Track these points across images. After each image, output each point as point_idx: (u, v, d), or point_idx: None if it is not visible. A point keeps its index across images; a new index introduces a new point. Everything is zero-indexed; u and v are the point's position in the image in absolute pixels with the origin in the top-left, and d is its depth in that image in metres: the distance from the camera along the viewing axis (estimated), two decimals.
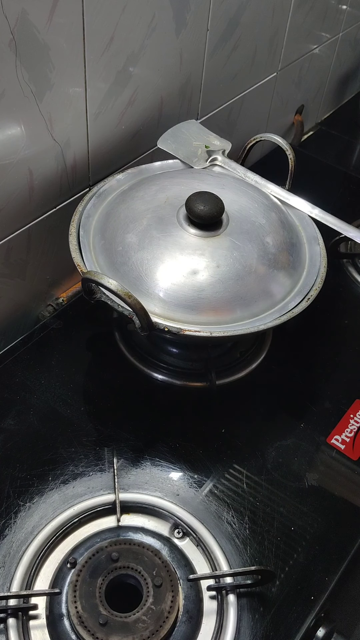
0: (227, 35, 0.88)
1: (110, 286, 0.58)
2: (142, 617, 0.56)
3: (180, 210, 0.70)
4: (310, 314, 0.69)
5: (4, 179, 0.67)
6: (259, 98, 1.07)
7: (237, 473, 0.69)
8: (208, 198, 0.68)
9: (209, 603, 0.59)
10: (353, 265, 0.96)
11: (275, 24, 0.99)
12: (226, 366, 0.78)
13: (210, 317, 0.65)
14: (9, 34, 0.58)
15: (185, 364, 0.77)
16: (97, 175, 0.79)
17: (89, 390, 0.76)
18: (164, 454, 0.70)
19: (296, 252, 0.75)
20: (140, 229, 0.69)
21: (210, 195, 0.69)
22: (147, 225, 0.69)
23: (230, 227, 0.70)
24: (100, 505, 0.64)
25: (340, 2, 1.17)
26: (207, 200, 0.68)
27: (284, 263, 0.72)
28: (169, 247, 0.67)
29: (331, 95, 1.37)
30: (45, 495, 0.65)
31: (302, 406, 0.76)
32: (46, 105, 0.66)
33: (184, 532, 0.64)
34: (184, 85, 0.86)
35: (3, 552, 0.61)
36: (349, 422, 0.75)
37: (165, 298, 0.65)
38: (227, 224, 0.70)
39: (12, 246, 0.73)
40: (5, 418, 0.71)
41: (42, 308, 0.84)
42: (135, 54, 0.74)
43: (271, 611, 0.59)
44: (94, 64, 0.69)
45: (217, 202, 0.69)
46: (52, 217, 0.76)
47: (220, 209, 0.69)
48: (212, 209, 0.68)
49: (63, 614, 0.57)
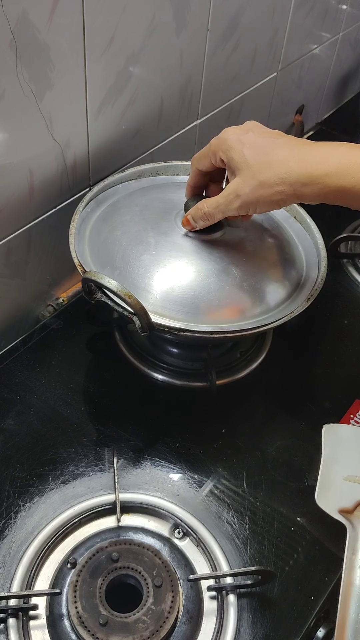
0: (227, 35, 0.88)
1: (111, 286, 0.58)
2: (142, 618, 0.56)
3: (179, 213, 0.70)
4: (310, 314, 0.69)
5: (4, 179, 0.67)
6: (259, 98, 1.07)
7: (237, 473, 0.69)
8: None
9: (209, 603, 0.59)
10: (353, 265, 0.96)
11: (275, 24, 0.99)
12: (226, 366, 0.78)
13: (210, 318, 0.65)
14: (9, 34, 0.58)
15: (185, 364, 0.77)
16: (97, 175, 0.79)
17: (89, 390, 0.76)
18: (164, 454, 0.70)
19: (296, 252, 0.75)
20: (140, 231, 0.69)
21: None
22: (147, 227, 0.70)
23: (229, 229, 0.70)
24: (101, 506, 0.64)
25: (340, 2, 1.17)
26: None
27: (284, 263, 0.72)
28: (168, 248, 0.67)
29: (331, 95, 1.36)
30: (45, 496, 0.65)
31: (302, 406, 0.76)
32: (46, 105, 0.66)
33: (184, 533, 0.64)
34: (184, 85, 0.86)
35: (3, 552, 0.61)
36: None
37: (165, 298, 0.65)
38: (225, 226, 0.70)
39: (12, 246, 0.73)
40: (5, 418, 0.71)
41: (42, 308, 0.84)
42: (136, 54, 0.74)
43: (271, 611, 0.59)
44: (94, 64, 0.69)
45: None
46: (52, 217, 0.76)
47: None
48: None
49: (63, 614, 0.57)
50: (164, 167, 0.82)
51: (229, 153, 0.61)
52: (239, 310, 0.67)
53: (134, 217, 0.71)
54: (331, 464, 0.62)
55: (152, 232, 0.69)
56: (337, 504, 0.60)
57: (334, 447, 0.64)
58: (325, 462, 0.62)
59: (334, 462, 0.63)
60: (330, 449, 0.64)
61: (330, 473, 0.62)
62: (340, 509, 0.60)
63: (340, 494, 0.61)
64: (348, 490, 0.61)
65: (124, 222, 0.71)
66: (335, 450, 0.64)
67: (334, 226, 0.99)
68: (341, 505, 0.60)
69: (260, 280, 0.68)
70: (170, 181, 0.81)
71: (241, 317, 0.66)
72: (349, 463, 0.63)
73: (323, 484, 0.61)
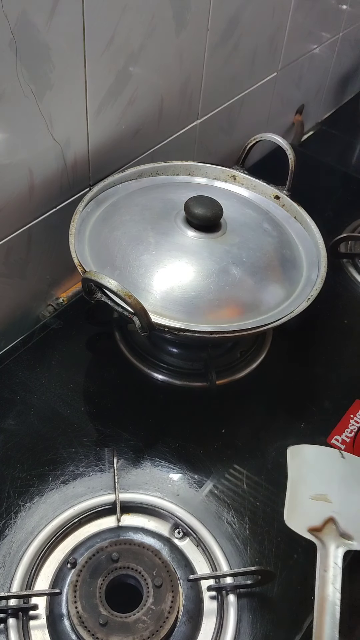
0: (227, 35, 0.88)
1: (111, 286, 0.58)
2: (142, 618, 0.56)
3: (179, 213, 0.70)
4: (310, 314, 0.69)
5: (4, 179, 0.67)
6: (259, 98, 1.07)
7: (237, 473, 0.69)
8: (207, 201, 0.69)
9: (209, 603, 0.59)
10: (353, 265, 0.96)
11: (275, 23, 0.99)
12: (226, 366, 0.78)
13: (210, 318, 0.65)
14: (9, 34, 0.58)
15: (185, 364, 0.77)
16: (98, 175, 0.79)
17: (89, 390, 0.76)
18: (164, 454, 0.70)
19: (296, 252, 0.75)
20: (140, 231, 0.69)
21: (208, 199, 0.69)
22: (147, 227, 0.70)
23: (229, 229, 0.70)
24: (101, 506, 0.64)
25: (340, 2, 1.17)
26: (206, 203, 0.68)
27: (284, 263, 0.72)
28: (168, 248, 0.68)
29: (331, 95, 1.37)
30: (45, 496, 0.65)
31: (302, 406, 0.76)
32: (46, 105, 0.66)
33: (184, 533, 0.64)
34: (184, 85, 0.86)
35: (3, 552, 0.61)
36: (349, 422, 0.75)
37: (165, 298, 0.65)
38: (225, 226, 0.70)
39: (12, 246, 0.73)
40: (5, 418, 0.71)
41: (42, 308, 0.84)
42: (135, 54, 0.74)
43: (271, 611, 0.59)
44: (94, 63, 0.69)
45: (215, 205, 0.69)
46: (52, 217, 0.76)
47: (219, 211, 0.69)
48: (211, 211, 0.69)
49: (63, 614, 0.57)
50: (164, 167, 0.82)
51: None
52: (239, 310, 0.67)
53: (134, 217, 0.71)
54: (298, 485, 0.64)
55: (152, 232, 0.69)
56: (306, 523, 0.61)
57: (299, 467, 0.65)
58: (291, 483, 0.64)
59: (301, 482, 0.64)
60: (296, 469, 0.65)
61: (298, 493, 0.63)
62: (309, 528, 0.61)
63: (308, 513, 0.62)
64: (315, 509, 0.62)
65: (124, 222, 0.71)
66: (300, 470, 0.65)
67: (334, 226, 0.99)
68: (310, 524, 0.61)
69: (260, 280, 0.68)
70: (170, 181, 0.81)
71: (241, 317, 0.66)
72: (314, 482, 0.64)
73: (291, 505, 0.62)
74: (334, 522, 0.61)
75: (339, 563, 0.59)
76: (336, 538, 0.61)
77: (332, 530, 0.61)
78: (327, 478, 0.64)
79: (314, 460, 0.66)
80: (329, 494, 0.63)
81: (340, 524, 0.61)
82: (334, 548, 0.60)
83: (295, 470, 0.64)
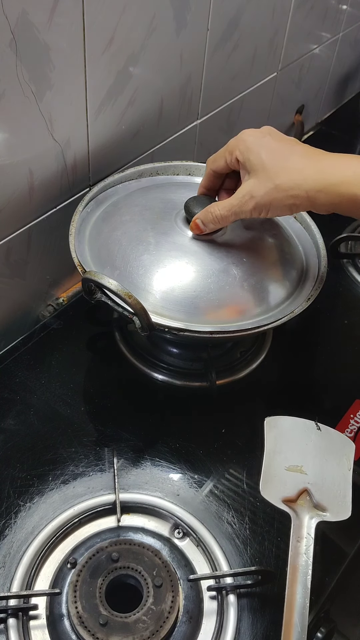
0: (227, 35, 0.88)
1: (111, 286, 0.58)
2: (142, 618, 0.56)
3: (179, 213, 0.70)
4: (310, 314, 0.69)
5: (4, 179, 0.67)
6: (259, 98, 1.07)
7: (237, 473, 0.69)
8: (206, 201, 0.69)
9: (209, 603, 0.59)
10: (353, 265, 0.96)
11: (275, 24, 0.99)
12: (226, 366, 0.78)
13: (210, 318, 0.65)
14: (9, 34, 0.58)
15: (185, 364, 0.77)
16: (98, 175, 0.79)
17: (89, 390, 0.76)
18: (164, 454, 0.70)
19: (296, 252, 0.75)
20: (140, 231, 0.69)
21: (208, 199, 0.69)
22: (147, 227, 0.70)
23: (229, 229, 0.70)
24: (101, 506, 0.64)
25: (340, 2, 1.17)
26: (206, 203, 0.68)
27: (284, 263, 0.72)
28: (168, 248, 0.68)
29: (331, 95, 1.37)
30: (45, 496, 0.65)
31: (302, 406, 0.76)
32: (46, 105, 0.66)
33: (184, 533, 0.64)
34: (184, 85, 0.86)
35: (3, 552, 0.61)
36: (349, 422, 0.75)
37: (165, 298, 0.65)
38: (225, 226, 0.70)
39: (12, 246, 0.73)
40: (5, 418, 0.71)
41: (42, 308, 0.84)
42: (136, 54, 0.74)
43: (271, 611, 0.59)
44: (94, 64, 0.69)
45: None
46: (52, 217, 0.76)
47: None
48: None
49: (63, 614, 0.57)
50: (164, 167, 0.82)
51: (246, 154, 0.62)
52: (239, 310, 0.67)
53: (134, 217, 0.71)
54: (273, 456, 0.64)
55: (152, 232, 0.69)
56: (281, 493, 0.62)
57: (276, 439, 0.65)
58: (268, 454, 0.64)
59: (277, 453, 0.64)
60: (272, 441, 0.65)
61: (273, 464, 0.63)
62: (284, 499, 0.62)
63: (284, 484, 0.63)
64: (291, 480, 0.63)
65: (124, 222, 0.71)
66: (277, 442, 0.65)
67: (334, 226, 0.99)
68: (285, 494, 0.62)
69: (260, 280, 0.68)
70: (170, 181, 0.81)
71: (241, 317, 0.66)
72: (290, 454, 0.65)
73: (266, 476, 0.63)
74: (309, 493, 0.62)
75: (312, 534, 0.60)
76: (310, 509, 0.61)
77: (306, 502, 0.62)
78: (302, 450, 0.65)
79: (290, 432, 0.66)
80: (304, 465, 0.64)
81: (315, 495, 0.62)
82: (308, 519, 0.61)
83: (272, 441, 0.65)
